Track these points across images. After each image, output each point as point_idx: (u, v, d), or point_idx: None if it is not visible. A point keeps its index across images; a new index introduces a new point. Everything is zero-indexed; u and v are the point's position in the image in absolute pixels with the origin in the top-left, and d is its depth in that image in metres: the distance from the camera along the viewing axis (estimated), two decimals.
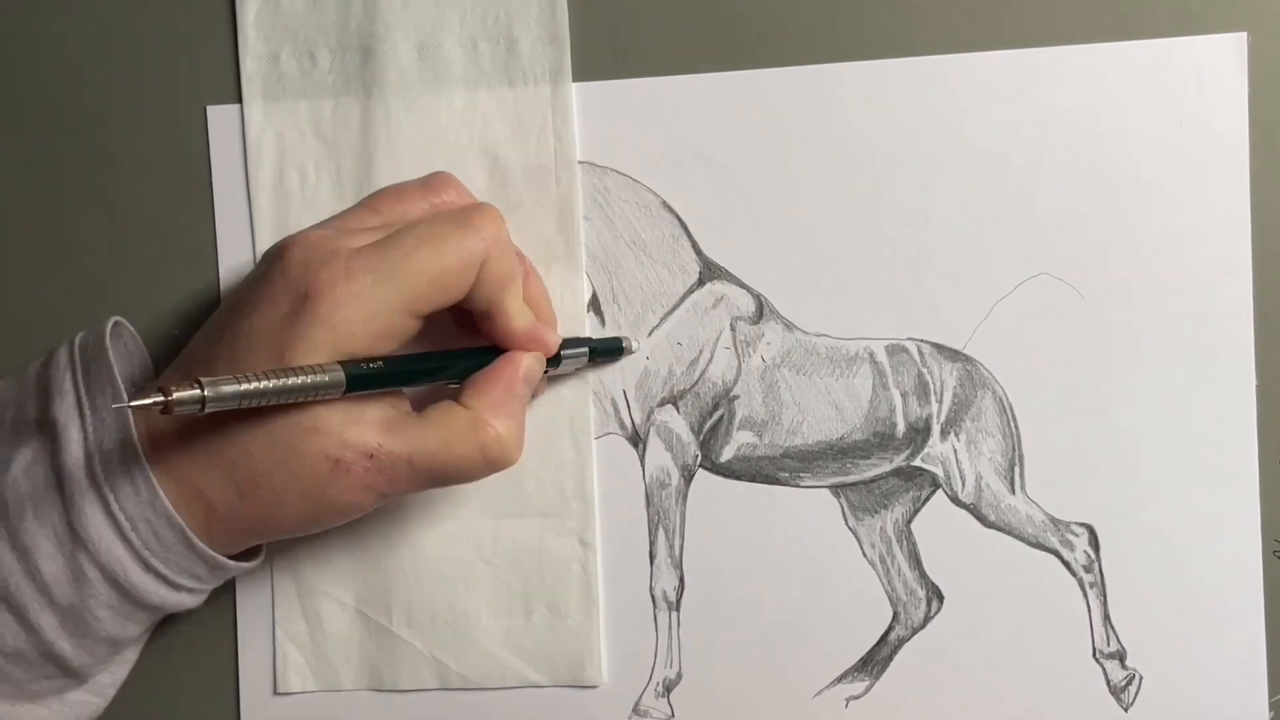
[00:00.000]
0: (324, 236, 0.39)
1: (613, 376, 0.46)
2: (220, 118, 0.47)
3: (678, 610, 0.46)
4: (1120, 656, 0.46)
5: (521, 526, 0.46)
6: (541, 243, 0.45)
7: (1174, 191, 0.45)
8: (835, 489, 0.46)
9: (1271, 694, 0.45)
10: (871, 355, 0.46)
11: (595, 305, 0.46)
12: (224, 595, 0.47)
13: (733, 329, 0.46)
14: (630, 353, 0.46)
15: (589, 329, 0.46)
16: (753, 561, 0.46)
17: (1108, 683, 0.46)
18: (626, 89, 0.46)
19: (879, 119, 0.45)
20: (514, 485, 0.46)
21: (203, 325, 0.42)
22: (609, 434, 0.46)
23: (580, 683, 0.46)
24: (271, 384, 0.36)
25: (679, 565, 0.46)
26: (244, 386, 0.35)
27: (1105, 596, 0.45)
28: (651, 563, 0.46)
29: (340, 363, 0.37)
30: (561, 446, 0.46)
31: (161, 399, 0.34)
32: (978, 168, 0.45)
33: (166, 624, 0.46)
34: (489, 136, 0.45)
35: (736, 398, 0.46)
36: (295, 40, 0.46)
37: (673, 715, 0.46)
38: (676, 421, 0.46)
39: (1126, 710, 0.46)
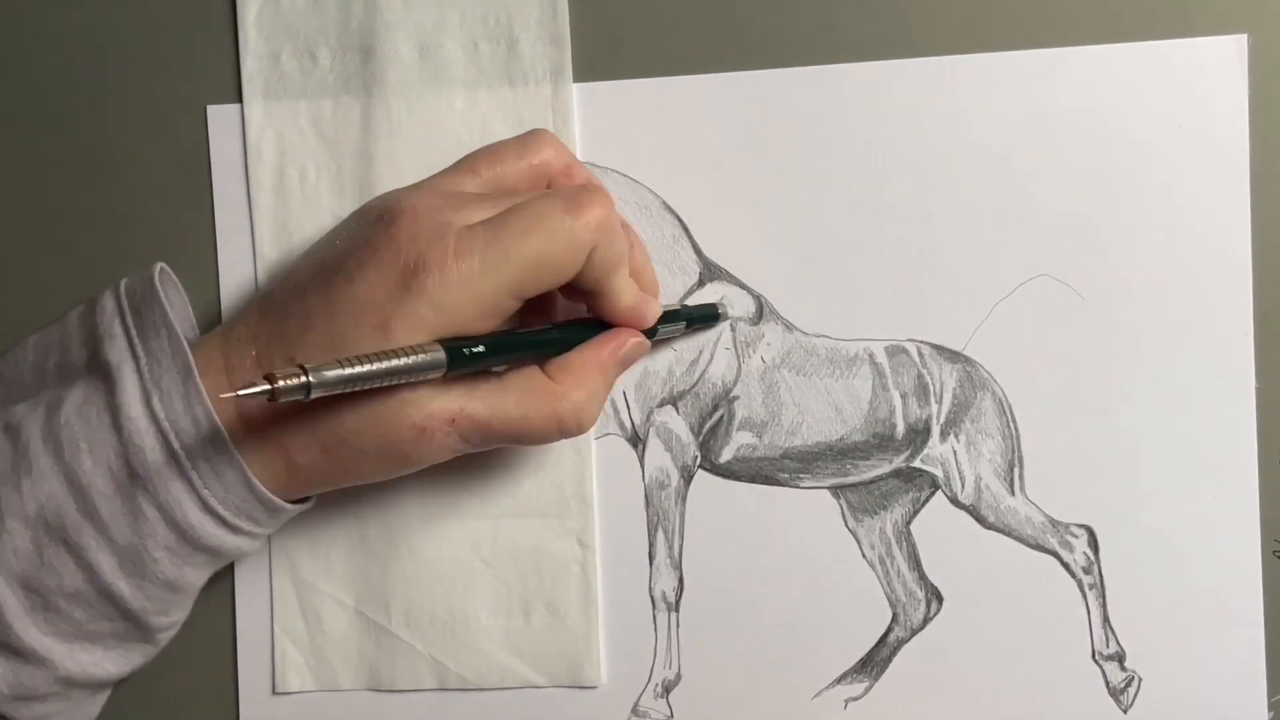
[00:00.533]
0: (432, 207, 0.39)
1: None
2: (220, 118, 0.47)
3: (677, 611, 0.46)
4: (1119, 658, 0.46)
5: (521, 527, 0.46)
6: None
7: (1174, 193, 0.45)
8: (835, 490, 0.46)
9: (1271, 695, 0.45)
10: (871, 356, 0.46)
11: None
12: (223, 594, 0.47)
13: (733, 330, 0.46)
14: (726, 319, 0.46)
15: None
16: (752, 562, 0.46)
17: (1107, 684, 0.46)
18: (627, 89, 0.46)
19: (879, 120, 0.45)
20: (513, 486, 0.46)
21: (285, 275, 0.42)
22: (609, 435, 0.46)
23: (579, 683, 0.46)
24: (375, 367, 0.36)
25: (678, 566, 0.46)
26: (348, 371, 0.35)
27: (1104, 598, 0.45)
28: (651, 563, 0.46)
29: (442, 343, 0.37)
30: (561, 447, 0.46)
31: (268, 387, 0.34)
32: (978, 169, 0.45)
33: None
34: (490, 137, 0.45)
35: (736, 398, 0.46)
36: (296, 40, 0.46)
37: (672, 716, 0.46)
38: (676, 422, 0.46)
39: (1125, 712, 0.46)
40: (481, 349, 0.38)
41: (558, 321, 0.43)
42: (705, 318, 0.45)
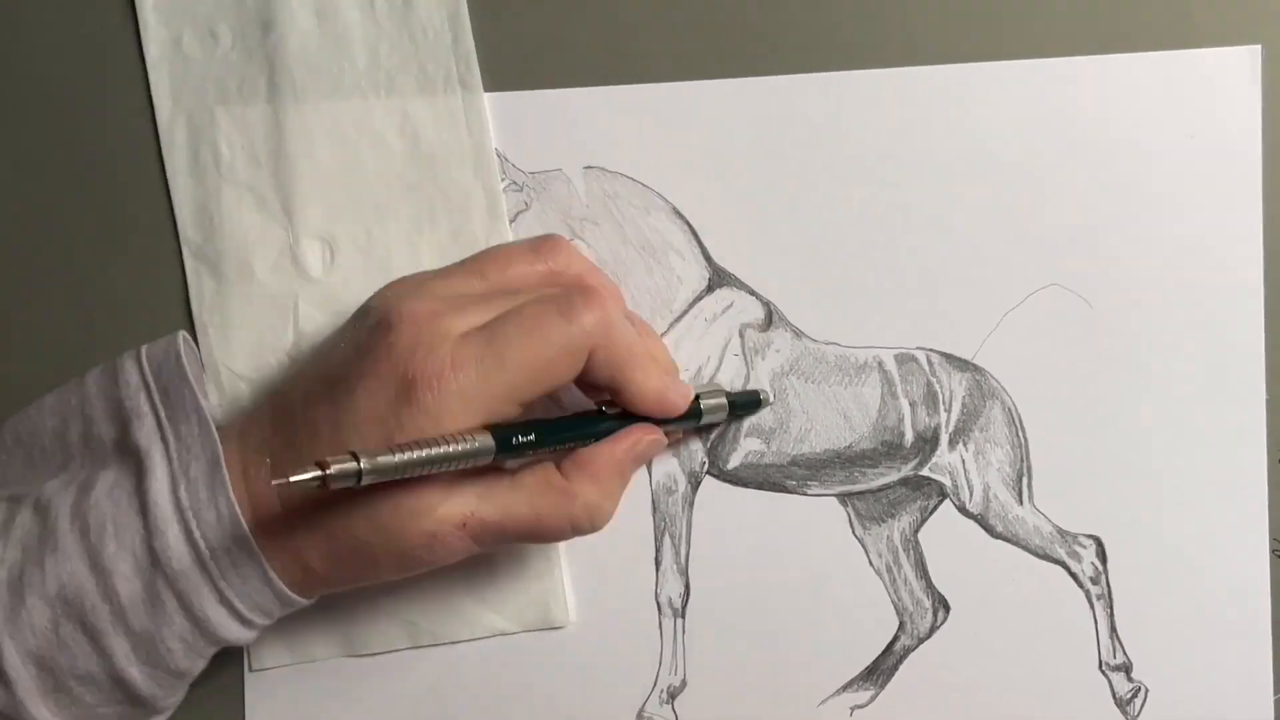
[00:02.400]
0: (430, 314, 0.39)
1: None
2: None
3: (683, 617, 0.46)
4: (1126, 669, 0.45)
5: None
6: (460, 193, 0.45)
7: (1185, 203, 0.45)
8: (842, 497, 0.46)
9: (1277, 691, 0.45)
10: (880, 364, 0.46)
11: None
12: None
13: (741, 336, 0.46)
14: (768, 404, 0.46)
15: None
16: (759, 569, 0.46)
17: (1113, 695, 0.46)
18: (638, 94, 0.46)
19: (890, 127, 0.45)
20: None
21: (294, 377, 0.42)
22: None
23: (548, 624, 0.46)
24: (426, 454, 0.36)
25: (685, 572, 0.46)
26: (399, 458, 0.36)
27: (1112, 608, 0.45)
28: (657, 569, 0.46)
29: (491, 430, 0.38)
30: None
31: (320, 473, 0.34)
32: (989, 177, 0.45)
33: None
34: (395, 92, 0.45)
35: None
36: (195, 20, 0.46)
37: None
38: None
39: None
40: (532, 437, 0.39)
41: (596, 410, 0.42)
42: (749, 404, 0.45)
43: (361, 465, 0.35)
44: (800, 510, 0.46)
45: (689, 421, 0.43)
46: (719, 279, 0.46)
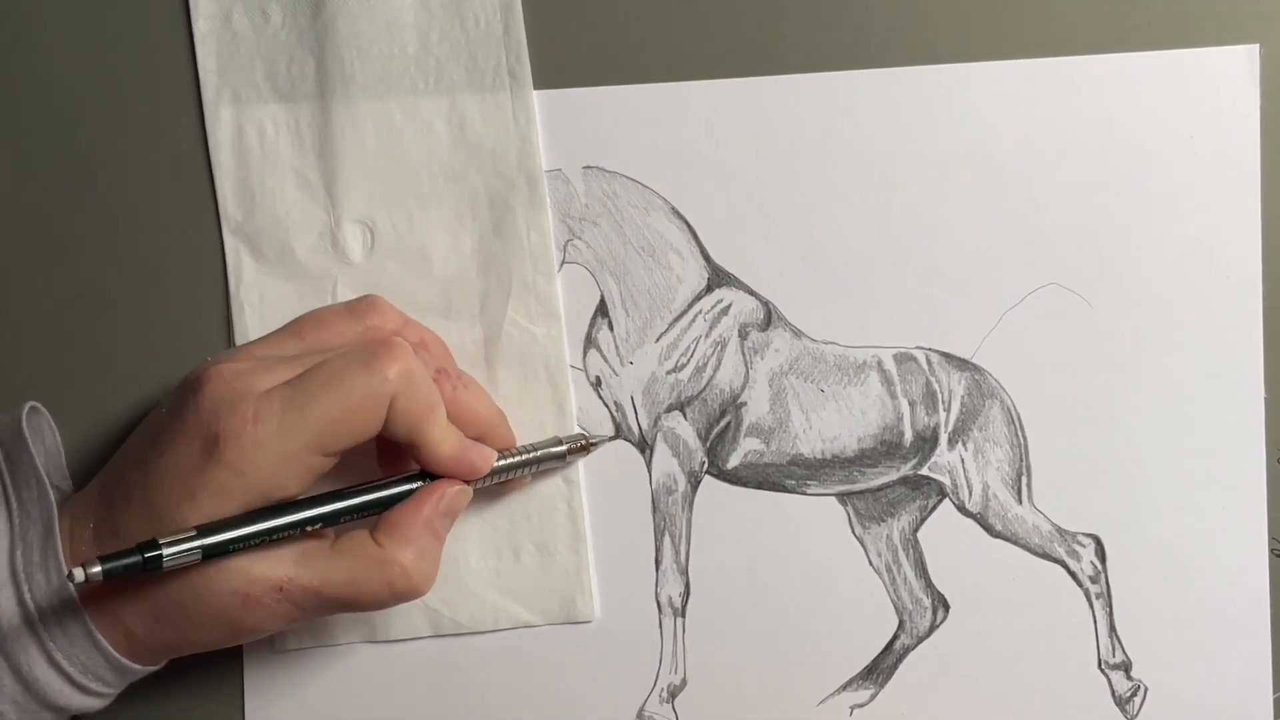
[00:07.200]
0: (238, 372, 0.39)
1: (619, 383, 0.46)
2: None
3: (683, 616, 0.46)
4: (1126, 667, 0.46)
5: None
6: (504, 185, 0.46)
7: (1184, 202, 0.45)
8: (842, 497, 0.46)
9: (1277, 690, 0.45)
10: (879, 364, 0.46)
11: (604, 310, 0.46)
12: None
13: (741, 335, 0.46)
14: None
15: (590, 330, 0.46)
16: (758, 568, 0.46)
17: (1113, 694, 0.46)
18: (637, 94, 0.46)
19: (889, 127, 0.45)
20: None
21: (124, 447, 0.42)
22: (616, 439, 0.46)
23: (572, 619, 0.46)
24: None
25: (685, 571, 0.46)
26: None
27: (1111, 607, 0.45)
28: (657, 569, 0.46)
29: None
30: (538, 387, 0.46)
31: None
32: (988, 177, 0.45)
33: None
34: (444, 78, 0.46)
35: (744, 404, 0.46)
36: None
37: None
38: (684, 428, 0.46)
39: None
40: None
41: (383, 477, 0.42)
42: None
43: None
44: (800, 510, 0.46)
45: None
46: (718, 279, 0.46)
